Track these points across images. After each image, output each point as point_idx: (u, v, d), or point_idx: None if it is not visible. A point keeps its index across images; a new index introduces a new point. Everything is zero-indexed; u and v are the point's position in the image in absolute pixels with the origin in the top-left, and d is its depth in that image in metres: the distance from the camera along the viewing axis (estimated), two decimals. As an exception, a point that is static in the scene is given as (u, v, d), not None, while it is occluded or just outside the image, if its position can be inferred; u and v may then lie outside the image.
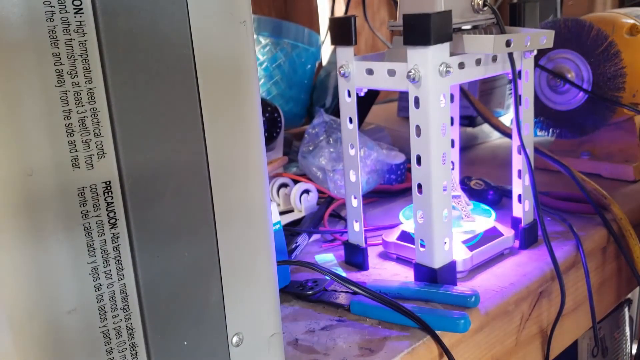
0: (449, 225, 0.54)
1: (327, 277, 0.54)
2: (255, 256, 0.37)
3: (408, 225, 0.61)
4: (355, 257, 0.61)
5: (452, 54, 0.51)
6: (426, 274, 0.54)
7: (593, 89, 0.78)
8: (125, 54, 0.29)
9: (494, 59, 0.56)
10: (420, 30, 0.49)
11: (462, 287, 0.53)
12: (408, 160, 0.81)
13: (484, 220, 0.61)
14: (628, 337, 0.91)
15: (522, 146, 0.59)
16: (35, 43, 0.27)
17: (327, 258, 0.64)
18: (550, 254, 0.58)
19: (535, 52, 0.59)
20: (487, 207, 0.64)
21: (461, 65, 0.53)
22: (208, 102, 0.33)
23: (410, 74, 0.50)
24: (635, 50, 0.76)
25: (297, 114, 1.10)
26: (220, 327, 0.36)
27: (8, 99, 0.27)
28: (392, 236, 0.61)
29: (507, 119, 1.07)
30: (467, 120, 1.05)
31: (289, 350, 0.47)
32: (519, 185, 0.62)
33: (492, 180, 0.76)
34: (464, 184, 0.75)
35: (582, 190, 0.69)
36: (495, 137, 1.08)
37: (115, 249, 0.31)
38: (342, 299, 0.53)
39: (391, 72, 0.53)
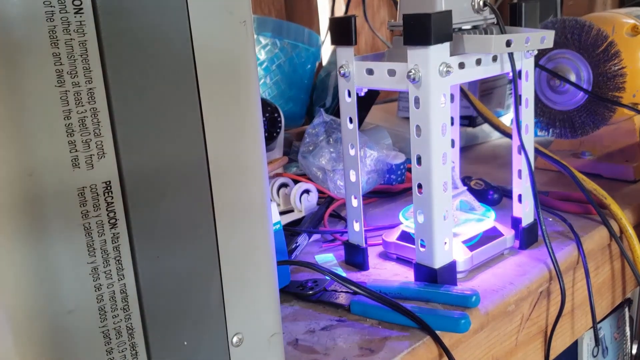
0: (449, 225, 0.54)
1: (327, 277, 0.54)
2: (255, 256, 0.37)
3: (408, 225, 0.61)
4: (355, 257, 0.61)
5: (452, 54, 0.51)
6: (426, 274, 0.54)
7: (593, 89, 0.78)
8: (125, 54, 0.29)
9: (494, 59, 0.56)
10: (421, 30, 0.49)
11: (462, 287, 0.53)
12: (408, 160, 0.81)
13: (484, 220, 0.61)
14: (628, 337, 0.91)
15: (522, 146, 0.59)
16: (35, 43, 0.27)
17: (327, 258, 0.64)
18: (550, 254, 0.58)
19: (535, 52, 0.59)
20: (487, 207, 0.64)
21: (461, 65, 0.53)
22: (208, 102, 0.33)
23: (410, 74, 0.50)
24: (635, 50, 0.76)
25: (297, 114, 1.10)
26: (220, 327, 0.36)
27: (8, 99, 0.27)
28: (392, 236, 0.61)
29: (507, 119, 1.06)
30: (467, 120, 1.05)
31: (289, 350, 0.47)
32: (519, 185, 0.62)
33: (492, 180, 0.76)
34: (464, 184, 0.75)
35: (582, 190, 0.69)
36: (495, 137, 1.08)
37: (115, 249, 0.31)
38: (342, 299, 0.53)
39: (391, 72, 0.53)
